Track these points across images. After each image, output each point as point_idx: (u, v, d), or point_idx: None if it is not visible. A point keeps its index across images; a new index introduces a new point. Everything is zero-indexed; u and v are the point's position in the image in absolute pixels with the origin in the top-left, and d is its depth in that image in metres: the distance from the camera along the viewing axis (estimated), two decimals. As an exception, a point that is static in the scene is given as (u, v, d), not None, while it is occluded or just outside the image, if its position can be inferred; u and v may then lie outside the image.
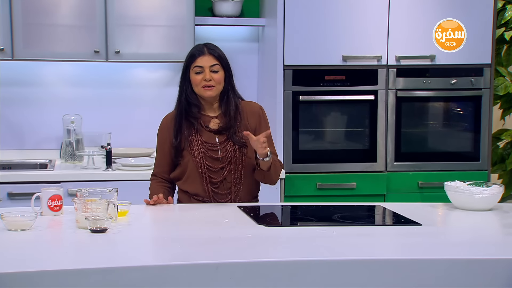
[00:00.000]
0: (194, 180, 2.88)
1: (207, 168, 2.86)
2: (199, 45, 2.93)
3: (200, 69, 2.85)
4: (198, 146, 2.87)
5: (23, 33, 3.87)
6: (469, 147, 4.17)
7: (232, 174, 2.88)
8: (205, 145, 2.87)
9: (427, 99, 4.14)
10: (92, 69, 4.28)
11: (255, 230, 2.38)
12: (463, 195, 2.74)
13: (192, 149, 2.87)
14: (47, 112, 4.27)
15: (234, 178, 2.88)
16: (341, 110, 4.11)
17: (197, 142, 2.87)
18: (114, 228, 2.32)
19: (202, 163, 2.86)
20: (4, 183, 3.66)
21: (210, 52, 2.87)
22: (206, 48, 2.89)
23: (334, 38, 3.98)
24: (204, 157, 2.86)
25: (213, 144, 2.89)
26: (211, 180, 2.86)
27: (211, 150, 2.88)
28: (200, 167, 2.86)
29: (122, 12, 3.96)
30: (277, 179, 2.95)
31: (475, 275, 2.05)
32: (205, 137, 2.89)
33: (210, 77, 2.84)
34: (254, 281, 1.97)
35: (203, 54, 2.86)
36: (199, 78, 2.85)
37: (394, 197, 4.04)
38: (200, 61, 2.85)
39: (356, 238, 2.32)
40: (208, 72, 2.85)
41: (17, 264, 1.94)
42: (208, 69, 2.85)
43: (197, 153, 2.87)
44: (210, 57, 2.86)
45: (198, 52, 2.88)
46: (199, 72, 2.85)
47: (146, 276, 1.92)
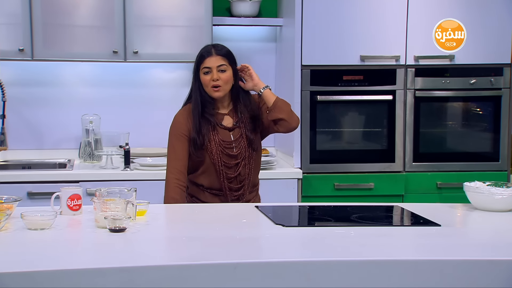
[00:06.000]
0: (210, 175, 2.99)
1: (224, 165, 2.97)
2: (207, 46, 3.04)
3: (208, 69, 2.97)
4: (216, 144, 2.97)
5: (43, 34, 3.90)
6: (489, 148, 4.14)
7: (245, 168, 3.00)
8: (222, 143, 2.98)
9: (446, 99, 4.11)
10: (111, 69, 4.31)
11: (273, 230, 2.37)
12: (482, 195, 2.71)
13: (210, 147, 2.96)
14: (66, 112, 4.30)
15: (247, 172, 3.01)
16: (359, 110, 4.10)
17: (214, 140, 2.97)
18: (132, 228, 2.33)
19: (219, 160, 2.96)
20: (24, 182, 3.69)
21: (218, 52, 2.98)
22: (214, 49, 3.00)
23: (352, 38, 3.97)
24: (221, 155, 2.97)
25: (229, 142, 2.99)
26: (226, 175, 2.98)
27: (227, 148, 2.99)
28: (218, 164, 2.96)
29: (140, 12, 3.98)
30: (294, 117, 3.00)
31: (496, 276, 2.03)
32: (221, 135, 2.99)
33: (217, 76, 2.95)
34: (272, 281, 1.97)
35: (210, 55, 2.97)
36: (208, 78, 2.96)
37: (412, 197, 4.01)
38: (208, 62, 2.96)
39: (374, 238, 2.31)
40: (216, 72, 2.95)
41: (37, 263, 1.95)
42: (215, 69, 2.96)
43: (215, 151, 2.96)
44: (217, 57, 2.97)
45: (206, 53, 2.99)
46: (207, 72, 2.96)
47: (164, 275, 1.92)
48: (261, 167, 3.88)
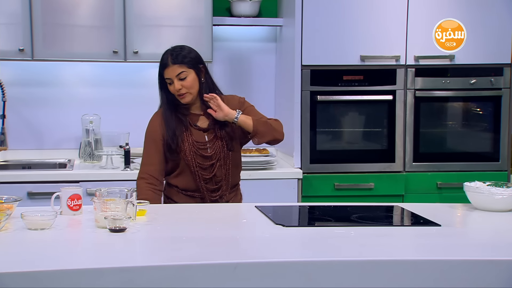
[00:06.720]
0: (186, 176, 2.96)
1: (199, 166, 2.94)
2: (166, 53, 2.94)
3: (169, 80, 2.92)
4: (190, 145, 2.94)
5: (43, 34, 3.90)
6: (489, 148, 4.14)
7: (221, 169, 2.96)
8: (196, 144, 2.95)
9: (446, 99, 4.11)
10: (111, 69, 4.31)
11: (273, 230, 2.37)
12: (483, 195, 2.71)
13: (183, 148, 2.93)
14: (66, 112, 4.30)
15: (224, 173, 2.97)
16: (359, 110, 4.09)
17: (188, 141, 2.94)
18: (132, 228, 2.33)
19: (193, 161, 2.94)
20: (24, 182, 3.69)
21: (173, 61, 2.90)
22: (170, 57, 2.91)
23: (352, 38, 3.97)
24: (195, 156, 2.94)
25: (203, 143, 2.96)
26: (202, 176, 2.94)
27: (201, 148, 2.95)
28: (192, 165, 2.93)
29: (140, 12, 3.98)
30: (278, 133, 2.99)
31: (496, 276, 2.03)
32: (195, 136, 2.96)
33: (179, 86, 2.90)
34: (272, 281, 1.97)
35: (168, 66, 2.91)
36: (172, 88, 2.93)
37: (412, 197, 4.01)
38: (167, 73, 2.92)
39: (375, 238, 2.31)
40: (177, 82, 2.90)
41: (37, 263, 1.95)
42: (175, 79, 2.90)
43: (189, 152, 2.93)
44: (174, 66, 2.90)
45: (164, 62, 2.92)
46: (170, 83, 2.93)
47: (164, 275, 1.92)
48: (261, 167, 3.91)
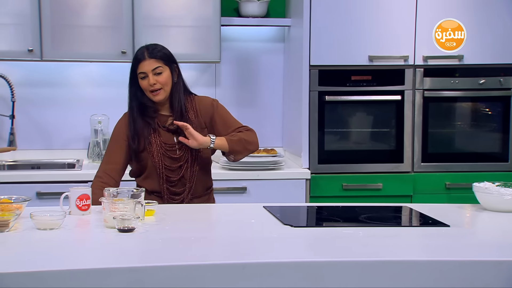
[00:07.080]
0: (153, 178, 2.90)
1: (166, 168, 2.90)
2: (141, 49, 2.91)
3: (144, 75, 2.87)
4: (157, 147, 2.89)
5: (52, 34, 3.91)
6: (498, 148, 4.12)
7: (188, 171, 2.91)
8: (164, 146, 2.90)
9: (455, 99, 4.10)
10: (119, 69, 4.30)
11: (281, 231, 2.37)
12: (492, 196, 2.71)
13: (151, 150, 2.89)
14: (75, 112, 4.31)
15: (190, 175, 2.91)
16: (367, 110, 4.09)
17: (156, 143, 2.90)
18: (141, 228, 2.33)
19: (160, 163, 2.89)
20: (33, 182, 3.70)
21: (151, 55, 2.87)
22: (147, 51, 2.88)
23: (360, 38, 3.96)
24: (163, 157, 2.90)
25: (172, 145, 2.91)
26: (168, 179, 2.90)
27: (170, 150, 2.91)
28: (159, 167, 2.89)
29: (148, 13, 3.99)
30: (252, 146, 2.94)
31: (505, 276, 2.02)
32: (163, 138, 2.91)
33: (154, 80, 2.86)
34: (280, 282, 1.97)
35: (144, 59, 2.87)
36: (145, 83, 2.88)
37: (420, 198, 4.00)
38: (142, 67, 2.87)
39: (383, 239, 2.30)
40: (152, 76, 2.86)
41: (45, 263, 1.96)
42: (151, 73, 2.86)
43: (156, 153, 2.89)
44: (151, 61, 2.86)
45: (140, 57, 2.88)
46: (143, 78, 2.88)
47: (173, 275, 1.93)
48: (269, 167, 3.90)
